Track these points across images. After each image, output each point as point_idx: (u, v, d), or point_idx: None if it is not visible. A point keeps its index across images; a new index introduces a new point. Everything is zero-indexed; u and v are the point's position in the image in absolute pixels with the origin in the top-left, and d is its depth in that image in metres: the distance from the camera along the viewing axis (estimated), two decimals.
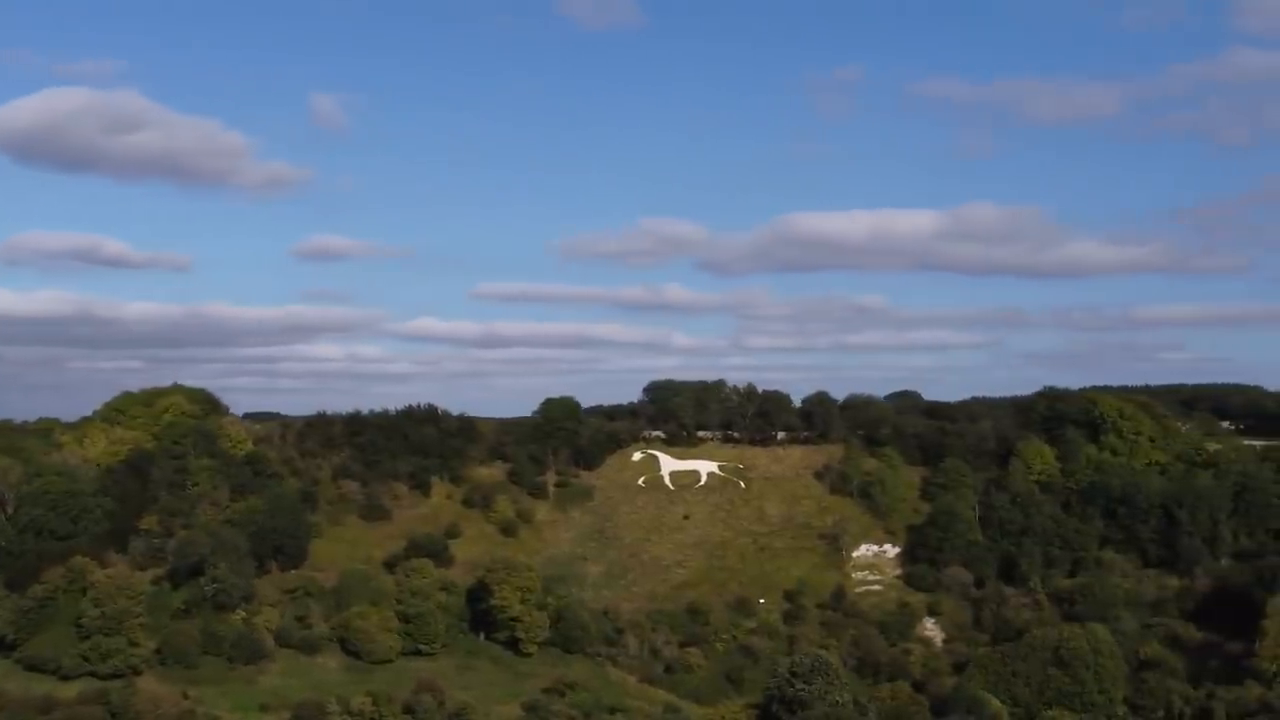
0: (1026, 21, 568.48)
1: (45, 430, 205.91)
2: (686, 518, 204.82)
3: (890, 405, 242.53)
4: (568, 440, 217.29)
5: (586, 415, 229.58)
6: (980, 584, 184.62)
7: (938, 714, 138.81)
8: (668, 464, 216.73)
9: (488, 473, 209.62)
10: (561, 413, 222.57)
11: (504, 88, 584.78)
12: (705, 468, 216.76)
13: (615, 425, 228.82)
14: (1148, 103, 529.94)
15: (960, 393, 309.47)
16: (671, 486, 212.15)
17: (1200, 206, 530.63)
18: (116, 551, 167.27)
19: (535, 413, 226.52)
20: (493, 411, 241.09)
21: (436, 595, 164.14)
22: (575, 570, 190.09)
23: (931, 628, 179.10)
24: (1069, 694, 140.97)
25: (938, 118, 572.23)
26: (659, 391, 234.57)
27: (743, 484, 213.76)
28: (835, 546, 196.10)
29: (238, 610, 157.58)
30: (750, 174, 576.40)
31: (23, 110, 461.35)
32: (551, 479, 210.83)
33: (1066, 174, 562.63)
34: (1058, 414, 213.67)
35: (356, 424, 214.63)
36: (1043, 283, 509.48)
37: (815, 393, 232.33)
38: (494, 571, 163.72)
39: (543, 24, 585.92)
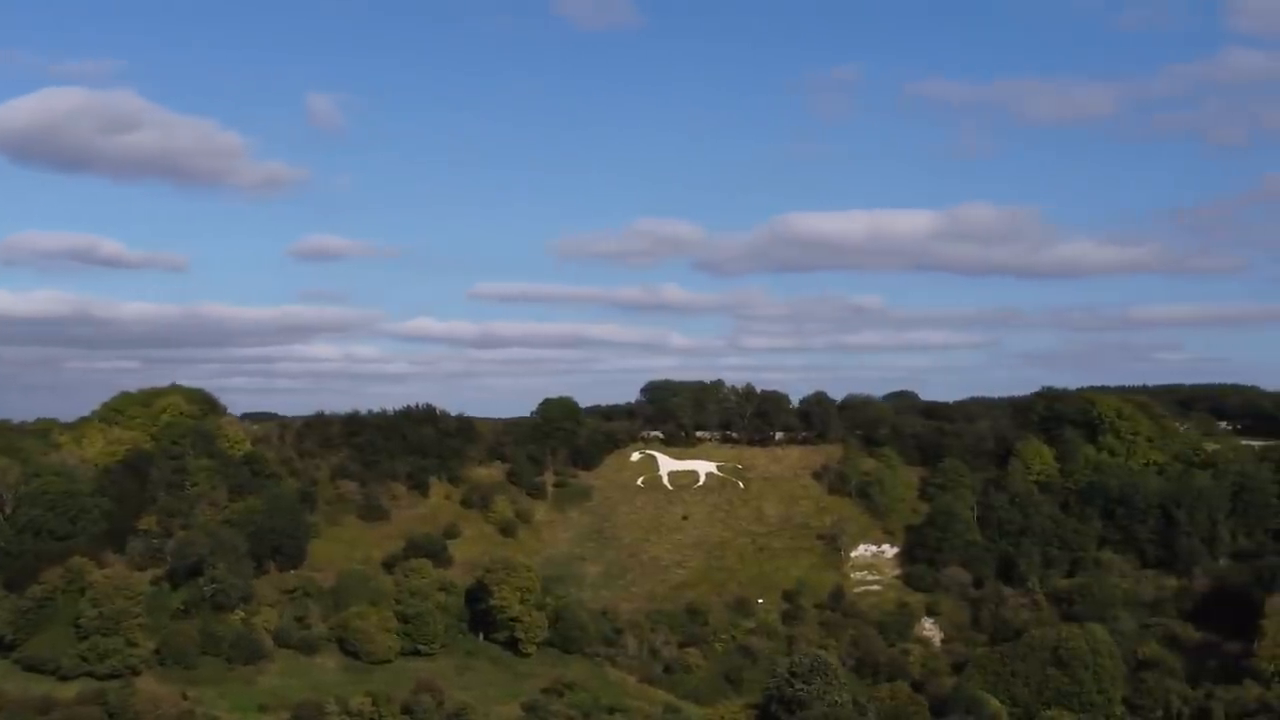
0: (1023, 22, 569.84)
1: (43, 430, 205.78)
2: (685, 518, 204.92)
3: (888, 405, 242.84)
4: (566, 440, 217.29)
5: (584, 415, 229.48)
6: (979, 584, 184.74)
7: (937, 714, 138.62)
8: (666, 464, 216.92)
9: (486, 473, 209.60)
10: (560, 413, 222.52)
11: (501, 88, 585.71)
12: (704, 468, 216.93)
13: (613, 425, 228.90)
14: (1144, 103, 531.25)
15: (957, 393, 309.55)
16: (670, 487, 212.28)
17: (1197, 206, 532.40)
18: (115, 552, 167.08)
19: (534, 413, 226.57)
20: (489, 412, 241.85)
21: (435, 595, 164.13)
22: (574, 570, 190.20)
23: (930, 628, 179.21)
24: (1068, 694, 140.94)
25: (935, 118, 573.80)
26: (657, 392, 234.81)
27: (741, 484, 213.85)
28: (834, 547, 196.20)
29: (236, 610, 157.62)
30: (747, 174, 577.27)
31: (19, 110, 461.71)
32: (550, 479, 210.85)
33: (1063, 174, 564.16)
34: (1056, 414, 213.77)
35: (355, 424, 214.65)
36: (1040, 283, 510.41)
37: (813, 393, 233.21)
38: (493, 572, 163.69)
39: (539, 24, 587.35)
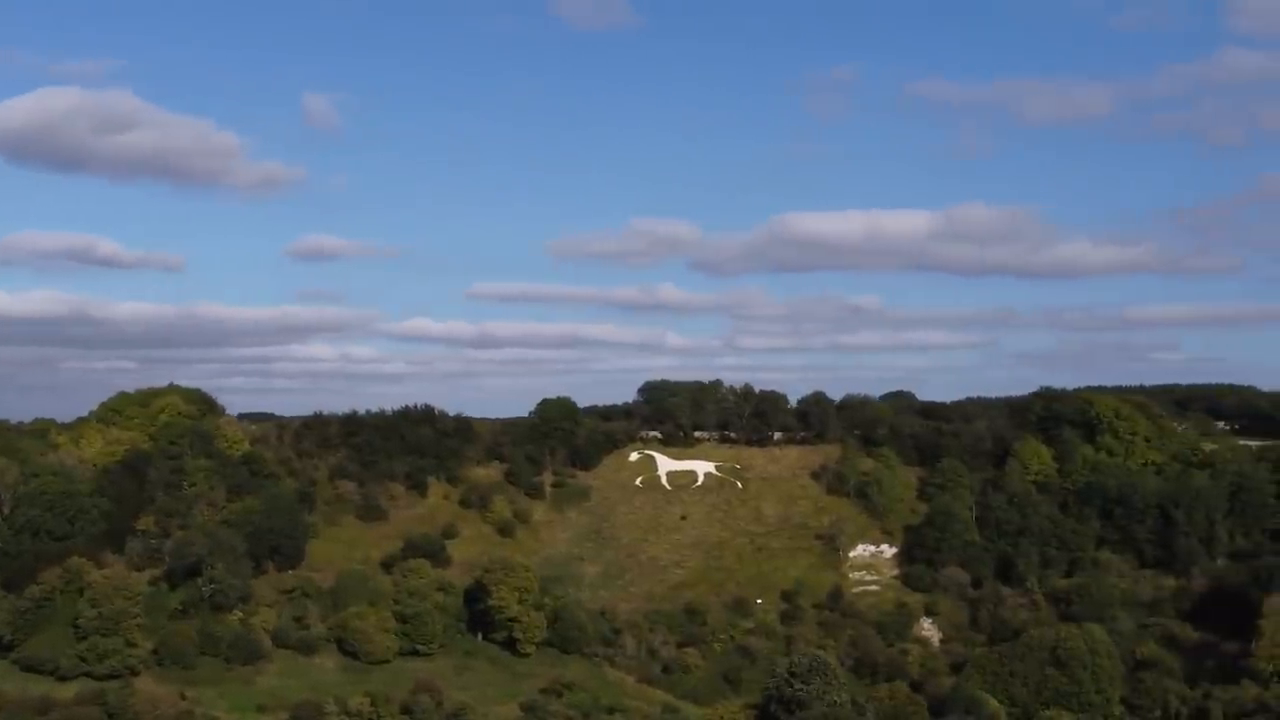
0: (1021, 22, 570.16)
1: (41, 431, 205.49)
2: (683, 518, 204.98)
3: (886, 405, 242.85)
4: (564, 440, 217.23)
5: (582, 416, 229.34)
6: (977, 584, 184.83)
7: (935, 714, 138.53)
8: (664, 464, 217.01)
9: (484, 473, 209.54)
10: (558, 413, 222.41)
11: (498, 88, 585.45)
12: (702, 468, 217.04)
13: (612, 425, 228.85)
14: (1142, 103, 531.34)
15: (954, 393, 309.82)
16: (668, 487, 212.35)
17: (1194, 207, 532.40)
18: (113, 552, 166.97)
19: (532, 413, 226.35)
20: (486, 412, 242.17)
21: (434, 595, 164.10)
22: (572, 570, 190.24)
23: (929, 628, 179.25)
24: (1066, 694, 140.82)
25: (932, 118, 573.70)
26: (654, 392, 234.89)
27: (739, 484, 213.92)
28: (832, 547, 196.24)
29: (235, 611, 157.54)
30: (745, 174, 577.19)
31: (16, 110, 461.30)
32: (548, 479, 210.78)
33: (1061, 174, 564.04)
34: (1054, 414, 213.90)
35: (353, 424, 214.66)
36: (1036, 283, 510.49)
37: (812, 393, 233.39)
38: (491, 572, 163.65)
39: (537, 24, 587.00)
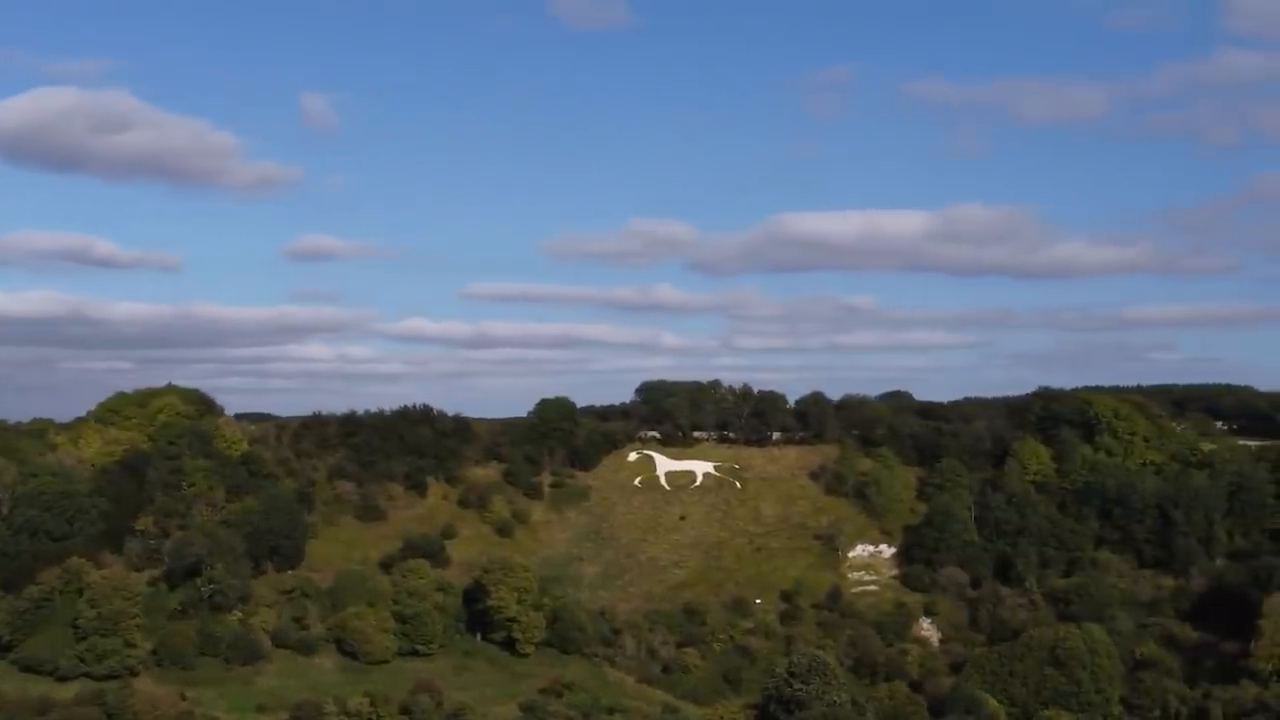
0: (1017, 22, 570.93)
1: (39, 431, 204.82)
2: (682, 518, 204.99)
3: (885, 406, 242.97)
4: (563, 441, 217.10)
5: (580, 416, 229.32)
6: (976, 584, 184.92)
7: (935, 714, 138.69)
8: (663, 464, 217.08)
9: (483, 473, 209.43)
10: (557, 413, 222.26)
11: (495, 88, 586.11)
12: (701, 468, 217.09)
13: (611, 426, 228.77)
14: (1137, 103, 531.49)
15: (951, 393, 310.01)
16: (667, 487, 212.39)
17: (1190, 207, 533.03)
18: (112, 552, 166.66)
19: (531, 413, 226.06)
20: (482, 412, 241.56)
21: (433, 596, 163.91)
22: (572, 571, 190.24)
23: (928, 628, 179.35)
24: (1065, 694, 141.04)
25: (929, 118, 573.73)
26: (651, 392, 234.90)
27: (738, 484, 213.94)
28: (831, 547, 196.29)
29: (234, 611, 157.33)
30: (741, 174, 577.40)
31: (11, 110, 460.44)
32: (547, 479, 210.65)
33: (1057, 174, 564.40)
34: (1053, 414, 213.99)
35: (351, 424, 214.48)
36: (1033, 283, 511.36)
37: (810, 393, 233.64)
38: (490, 572, 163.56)
39: (534, 24, 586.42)
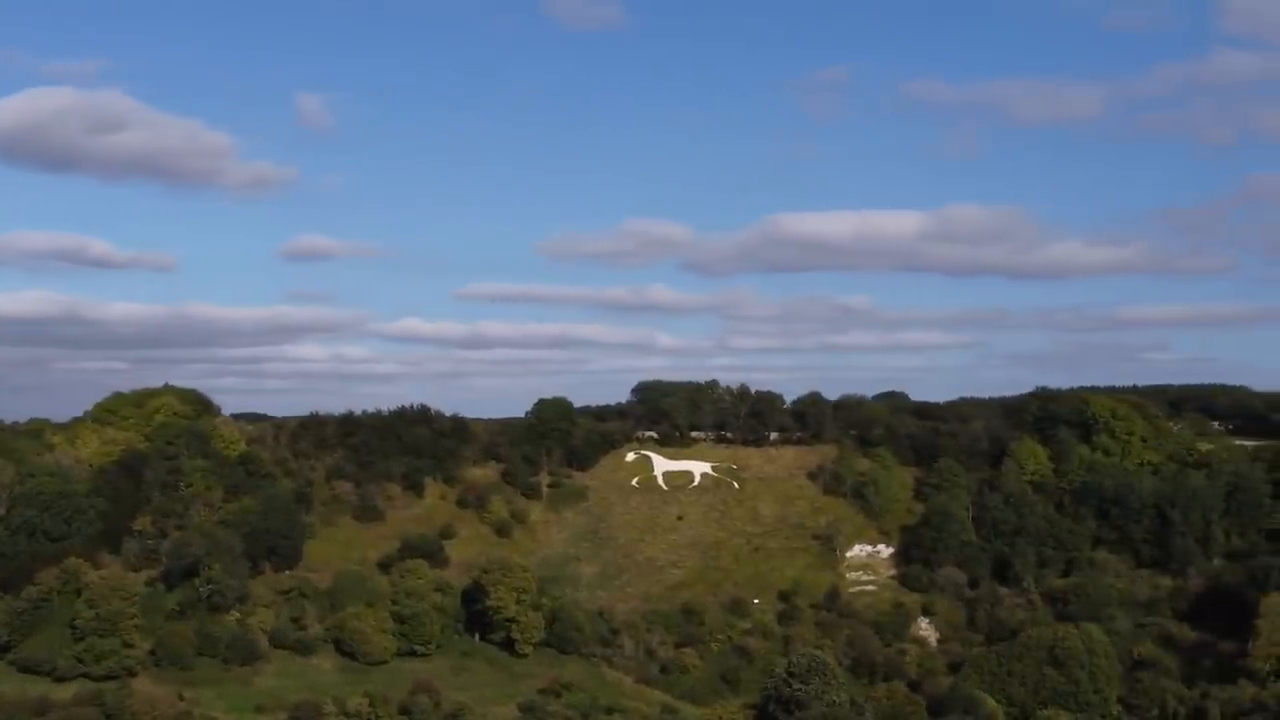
0: (1012, 22, 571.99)
1: (36, 431, 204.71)
2: (680, 518, 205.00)
3: (882, 406, 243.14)
4: (561, 441, 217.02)
5: (576, 416, 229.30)
6: (974, 584, 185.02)
7: (934, 714, 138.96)
8: (661, 464, 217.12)
9: (481, 473, 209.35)
10: (555, 413, 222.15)
11: (490, 88, 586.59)
12: (698, 468, 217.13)
13: (608, 426, 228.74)
14: (1133, 103, 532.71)
15: (946, 393, 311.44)
16: (665, 487, 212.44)
17: (1185, 207, 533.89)
18: (110, 552, 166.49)
19: (528, 413, 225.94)
20: (477, 412, 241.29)
21: (431, 596, 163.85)
22: (570, 571, 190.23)
23: (926, 628, 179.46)
24: (1064, 693, 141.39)
25: (925, 118, 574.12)
26: (648, 392, 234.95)
27: (736, 484, 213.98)
28: (829, 547, 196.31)
29: (232, 611, 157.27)
30: (736, 174, 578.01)
31: (7, 110, 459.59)
32: (545, 479, 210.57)
33: (1051, 174, 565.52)
34: (1050, 414, 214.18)
35: (349, 424, 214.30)
36: (1028, 283, 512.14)
37: (808, 393, 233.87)
38: (489, 572, 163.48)
39: (529, 24, 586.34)
